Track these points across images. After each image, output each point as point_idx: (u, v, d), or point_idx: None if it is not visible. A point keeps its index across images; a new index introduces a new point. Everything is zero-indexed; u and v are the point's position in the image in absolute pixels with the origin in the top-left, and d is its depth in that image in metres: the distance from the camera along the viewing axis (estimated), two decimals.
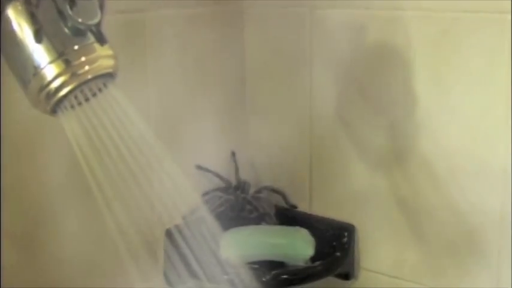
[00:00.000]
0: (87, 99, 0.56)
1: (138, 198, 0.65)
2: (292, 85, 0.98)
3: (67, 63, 0.53)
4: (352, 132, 0.93)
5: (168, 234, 0.86)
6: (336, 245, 0.94)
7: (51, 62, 0.53)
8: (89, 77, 0.55)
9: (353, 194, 0.94)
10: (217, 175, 0.97)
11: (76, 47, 0.54)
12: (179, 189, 0.72)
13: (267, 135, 1.03)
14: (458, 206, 0.84)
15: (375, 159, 0.91)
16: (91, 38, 0.55)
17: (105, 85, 0.57)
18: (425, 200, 0.86)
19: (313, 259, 0.90)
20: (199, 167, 0.96)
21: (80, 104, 0.56)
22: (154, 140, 0.64)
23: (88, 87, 0.55)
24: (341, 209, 0.96)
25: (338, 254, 0.93)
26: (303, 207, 1.00)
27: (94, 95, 0.57)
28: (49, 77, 0.53)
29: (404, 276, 0.91)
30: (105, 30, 0.55)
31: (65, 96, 0.54)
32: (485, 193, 0.81)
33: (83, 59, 0.54)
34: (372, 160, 0.92)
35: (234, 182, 0.99)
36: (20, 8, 0.53)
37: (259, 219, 0.96)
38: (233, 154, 1.01)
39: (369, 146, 0.91)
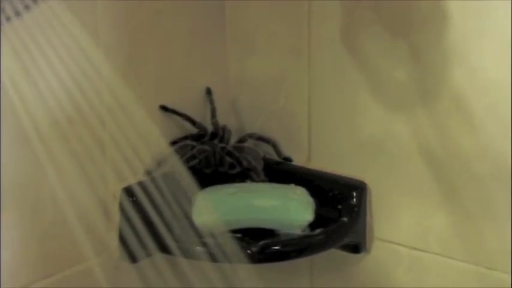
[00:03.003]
0: (18, 14, 0.56)
1: (87, 145, 0.64)
2: (286, 3, 0.97)
3: None
4: (363, 63, 0.92)
5: (128, 193, 0.86)
6: (341, 208, 0.94)
7: None
8: None
9: (364, 142, 0.94)
10: (188, 118, 0.97)
11: None
12: (140, 135, 0.71)
13: (252, 67, 1.02)
14: (499, 155, 0.84)
15: (393, 97, 0.91)
16: None
17: None
18: (458, 149, 0.86)
19: (312, 226, 0.90)
20: (164, 108, 0.95)
21: (8, 19, 0.55)
22: (107, 72, 0.64)
23: None
24: (348, 162, 0.96)
25: (344, 219, 0.93)
26: (299, 159, 1.01)
27: (27, 8, 0.56)
28: None
29: (430, 247, 0.92)
30: None
31: None
32: None
33: None
34: (389, 98, 0.91)
35: (209, 127, 0.99)
36: None
37: (243, 175, 0.97)
38: (208, 91, 1.01)
39: (385, 81, 0.91)
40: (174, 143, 0.96)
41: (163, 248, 0.82)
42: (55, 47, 0.58)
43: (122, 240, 0.88)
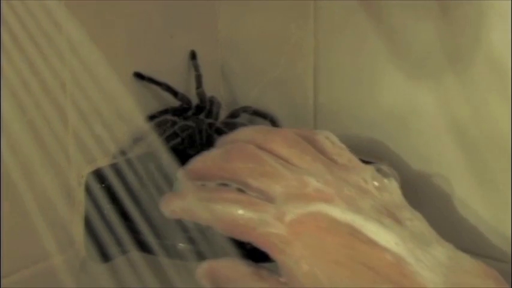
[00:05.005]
0: None
1: (48, 118, 0.63)
2: None
3: None
4: (381, 21, 0.92)
5: (97, 177, 0.86)
6: None
7: None
8: None
9: (382, 117, 0.94)
10: (169, 88, 0.97)
11: None
12: (111, 108, 0.71)
13: (246, 25, 1.03)
14: None
15: (418, 62, 0.91)
16: None
17: None
18: (495, 125, 0.86)
19: None
20: (139, 76, 0.95)
21: None
22: (69, 29, 0.63)
23: None
24: (363, 142, 0.96)
25: None
26: None
27: None
28: None
29: (462, 242, 0.90)
30: None
31: None
32: None
33: None
34: (412, 64, 0.91)
35: (194, 99, 0.99)
36: None
37: None
38: (193, 56, 1.01)
39: (408, 42, 0.91)
40: (151, 118, 0.95)
41: (140, 245, 0.82)
42: None
43: (89, 235, 0.88)
